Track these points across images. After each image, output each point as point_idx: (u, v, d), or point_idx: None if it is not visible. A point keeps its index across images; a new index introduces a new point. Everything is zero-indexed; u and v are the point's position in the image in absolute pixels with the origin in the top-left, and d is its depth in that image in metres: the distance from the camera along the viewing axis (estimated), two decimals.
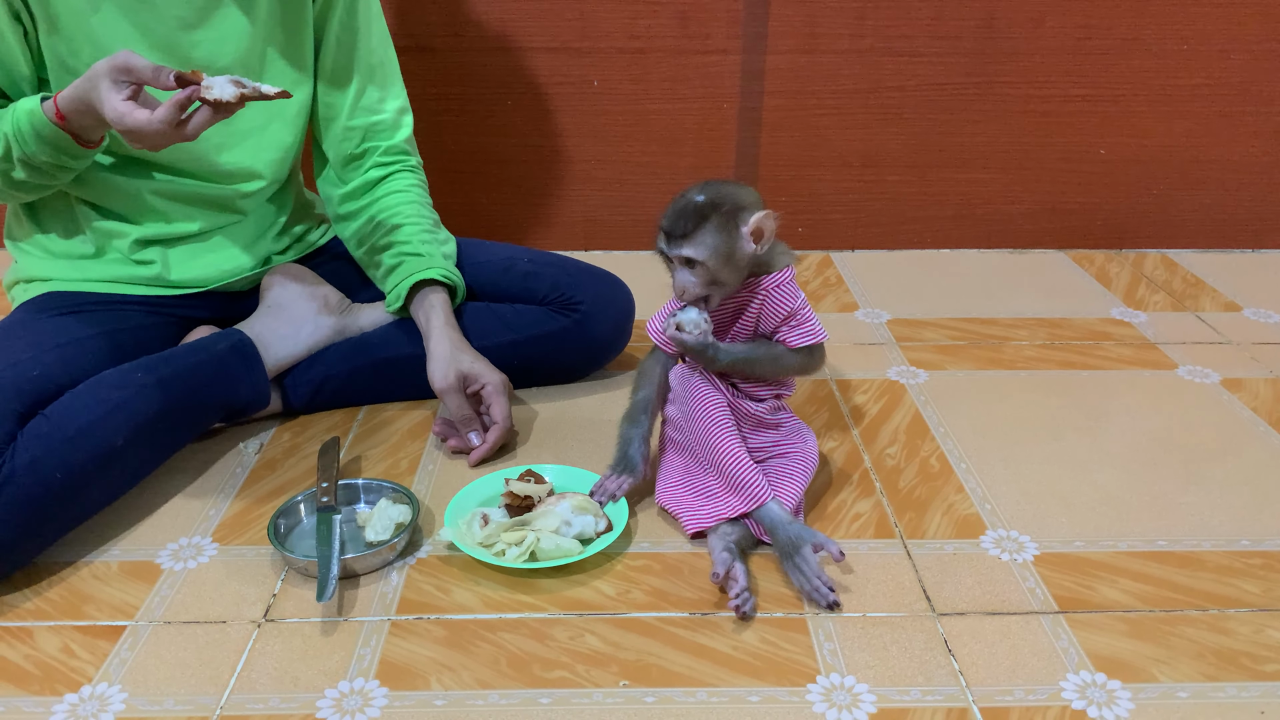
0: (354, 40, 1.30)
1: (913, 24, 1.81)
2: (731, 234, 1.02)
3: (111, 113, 0.99)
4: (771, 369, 1.11)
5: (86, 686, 0.90)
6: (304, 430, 1.31)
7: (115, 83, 0.99)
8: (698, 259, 1.02)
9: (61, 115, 1.04)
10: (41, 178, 1.12)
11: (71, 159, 1.10)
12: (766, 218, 1.02)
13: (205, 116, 1.01)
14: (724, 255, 1.02)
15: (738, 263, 1.04)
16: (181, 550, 1.08)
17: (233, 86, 1.00)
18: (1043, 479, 1.21)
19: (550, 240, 1.95)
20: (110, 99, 0.99)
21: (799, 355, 1.09)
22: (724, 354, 1.07)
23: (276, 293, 1.32)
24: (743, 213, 1.02)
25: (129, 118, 0.99)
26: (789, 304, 1.07)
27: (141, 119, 0.99)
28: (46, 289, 1.25)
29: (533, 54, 1.82)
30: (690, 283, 1.04)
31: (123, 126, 0.99)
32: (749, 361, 1.09)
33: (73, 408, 1.06)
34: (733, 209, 1.02)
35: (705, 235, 1.01)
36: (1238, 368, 1.49)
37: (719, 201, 1.02)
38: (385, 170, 1.35)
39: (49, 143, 1.07)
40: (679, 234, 1.02)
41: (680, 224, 1.02)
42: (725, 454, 1.06)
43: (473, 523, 1.07)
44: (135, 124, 0.99)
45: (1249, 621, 0.98)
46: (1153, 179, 1.93)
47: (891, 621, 0.98)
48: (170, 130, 1.00)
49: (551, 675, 0.91)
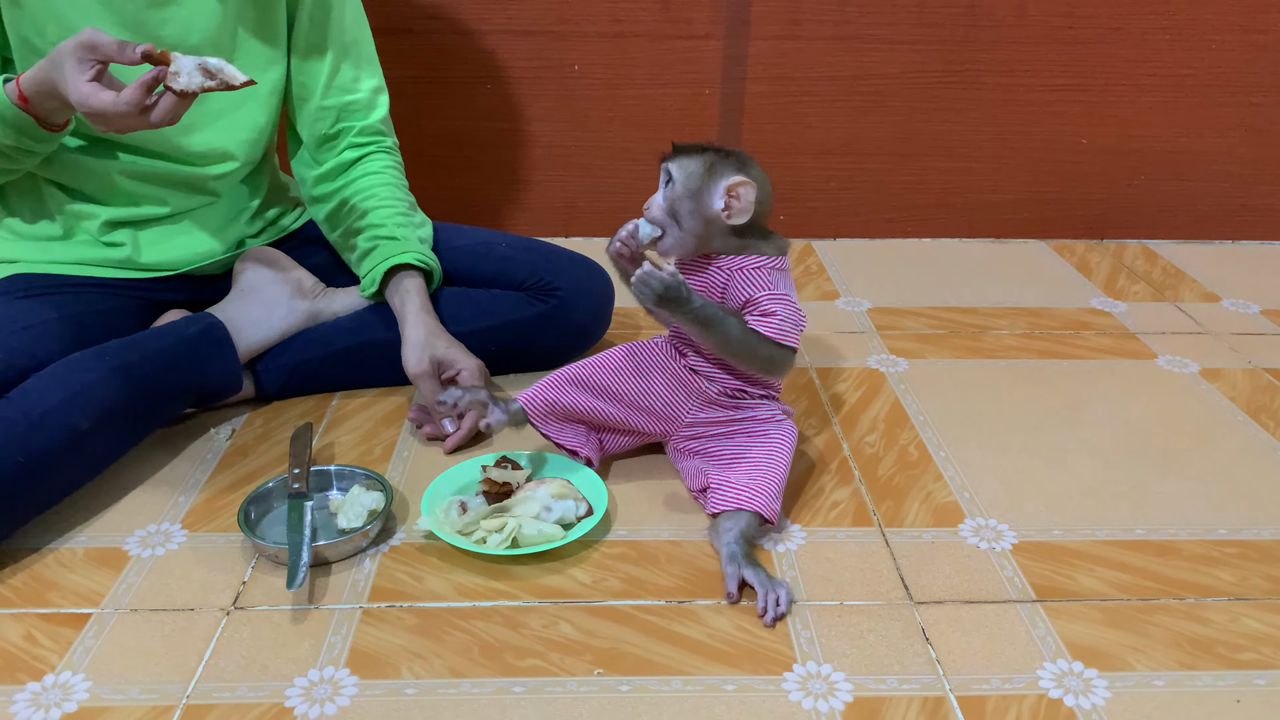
0: (327, 17, 1.27)
1: (896, 12, 1.80)
2: (711, 177, 1.04)
3: (75, 94, 0.97)
4: (739, 341, 1.05)
5: (49, 675, 0.88)
6: (276, 416, 1.29)
7: (80, 62, 0.97)
8: (674, 175, 1.05)
9: (24, 98, 1.02)
10: (6, 161, 1.10)
11: (35, 142, 1.08)
12: (746, 185, 1.02)
13: (170, 103, 0.99)
14: (692, 189, 1.04)
15: (700, 208, 1.05)
16: (150, 537, 1.06)
17: (200, 75, 0.97)
18: (1021, 468, 1.21)
19: (529, 225, 1.93)
20: (75, 80, 0.97)
21: (766, 343, 1.05)
22: (696, 297, 1.02)
23: (249, 276, 1.30)
24: (735, 172, 1.04)
25: (93, 99, 0.96)
26: (750, 289, 1.06)
27: (106, 101, 0.96)
28: (13, 271, 1.22)
29: (513, 37, 1.80)
30: (657, 201, 1.07)
31: (87, 108, 0.97)
32: (717, 320, 1.03)
33: (38, 391, 1.04)
34: (728, 163, 1.05)
35: (690, 162, 1.05)
36: (1216, 358, 1.49)
37: (727, 153, 1.06)
38: (360, 151, 1.33)
39: (11, 125, 1.04)
40: (678, 149, 1.07)
41: (687, 145, 1.07)
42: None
43: (450, 510, 1.05)
44: (100, 105, 0.96)
45: (1225, 610, 0.98)
46: (1134, 169, 1.93)
47: (869, 610, 0.97)
48: (134, 114, 0.97)
49: (524, 664, 0.90)
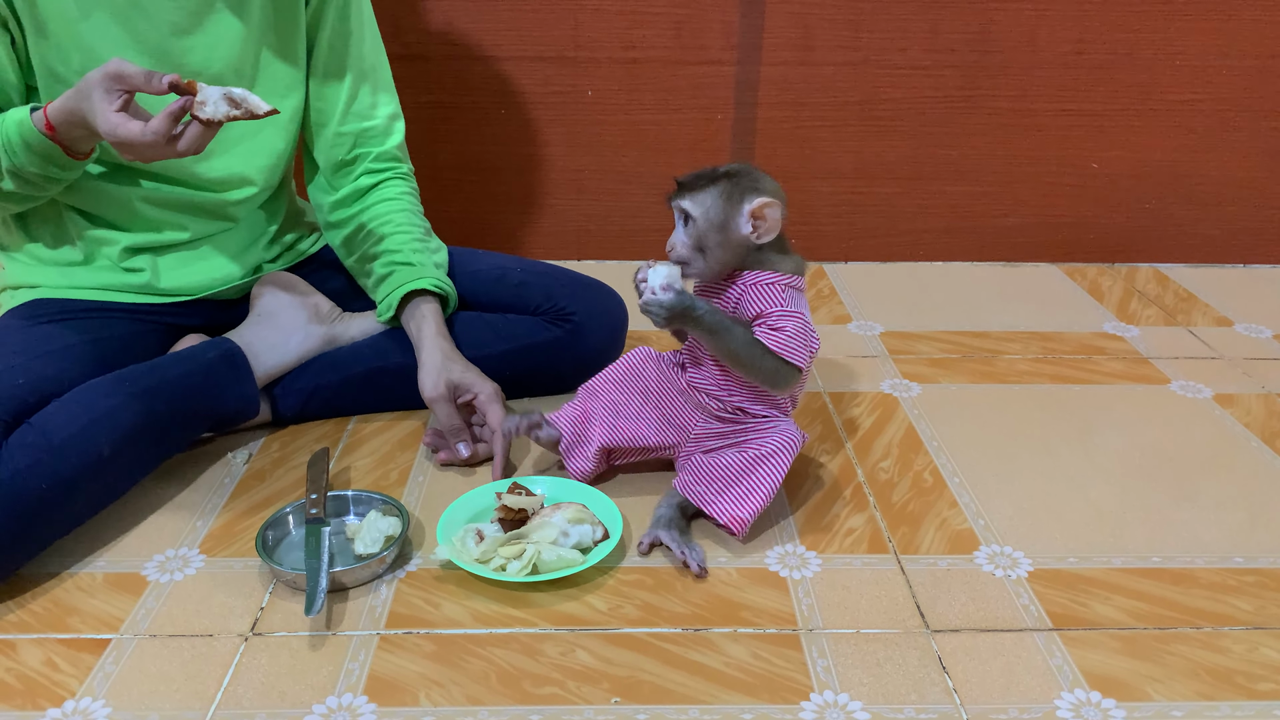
0: (345, 44, 1.29)
1: (907, 37, 1.81)
2: (733, 205, 1.03)
3: (104, 124, 0.98)
4: (744, 352, 1.05)
5: (70, 701, 0.88)
6: (293, 440, 1.30)
7: (108, 92, 0.98)
8: (692, 214, 1.03)
9: (51, 126, 1.03)
10: (30, 189, 1.11)
11: (60, 170, 1.09)
12: (771, 205, 1.02)
13: (196, 133, 1.00)
14: (717, 222, 1.03)
15: (729, 238, 1.03)
16: (168, 562, 1.07)
17: (226, 105, 0.98)
18: (1036, 494, 1.21)
19: (543, 249, 1.94)
20: (103, 109, 0.98)
21: (770, 356, 1.04)
22: (702, 306, 1.03)
23: (266, 301, 1.31)
24: (752, 192, 1.03)
25: (121, 129, 0.97)
26: (763, 304, 1.05)
27: (134, 130, 0.97)
28: (35, 296, 1.24)
29: (527, 63, 1.81)
30: (680, 240, 1.05)
31: (115, 138, 0.98)
32: (724, 330, 1.04)
33: (59, 417, 1.05)
34: (745, 185, 1.03)
35: (706, 196, 1.03)
36: (1230, 383, 1.49)
37: (736, 174, 1.04)
38: (376, 178, 1.34)
39: (38, 154, 1.06)
40: (686, 186, 1.04)
41: (691, 179, 1.05)
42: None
43: (466, 539, 1.05)
44: (128, 135, 0.98)
45: (1243, 640, 0.98)
46: (1145, 194, 1.94)
47: (885, 638, 0.97)
48: (161, 143, 0.98)
49: (542, 691, 0.90)
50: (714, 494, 1.08)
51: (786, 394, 1.12)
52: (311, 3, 1.26)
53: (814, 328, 1.08)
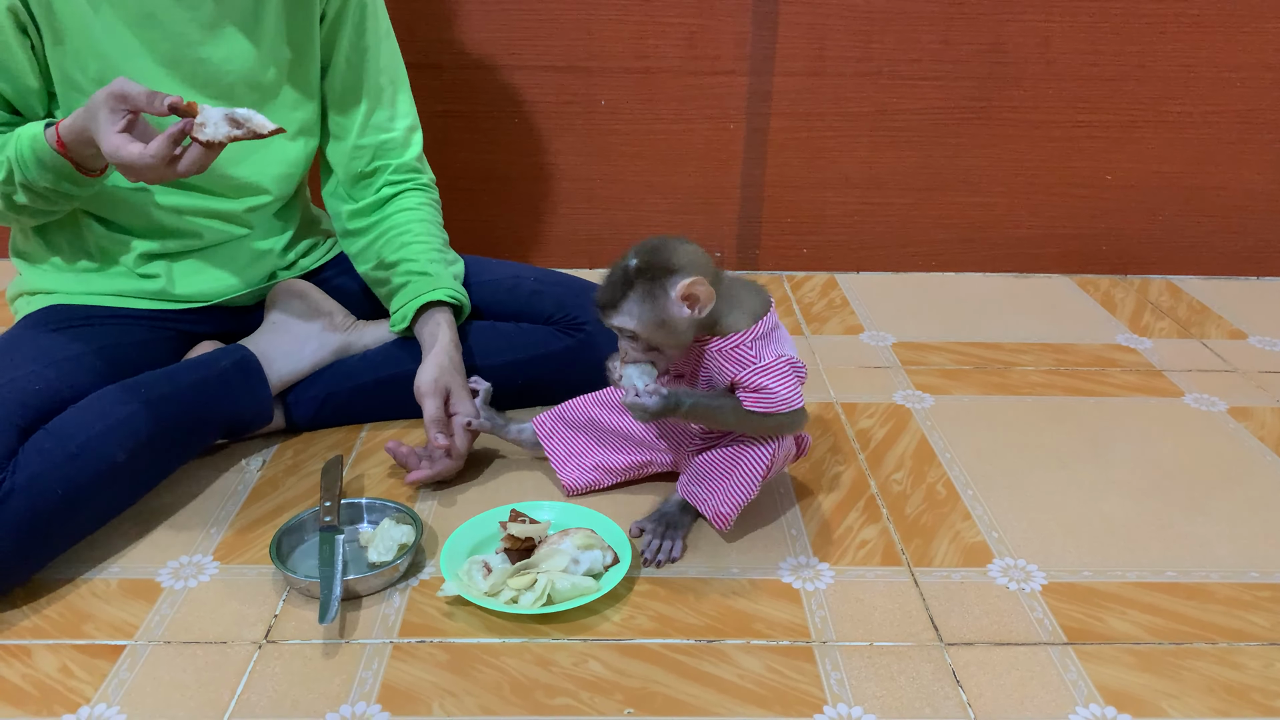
0: (363, 59, 1.30)
1: (919, 48, 1.81)
2: (659, 300, 0.98)
3: (107, 146, 0.99)
4: (738, 422, 1.05)
5: (85, 707, 0.88)
6: (306, 447, 1.30)
7: (112, 112, 0.98)
8: (626, 328, 1.00)
9: (63, 144, 1.04)
10: (43, 203, 1.12)
11: (74, 186, 1.10)
12: (695, 284, 0.97)
13: (196, 154, 1.00)
14: (654, 323, 0.99)
15: (674, 328, 1.00)
16: (182, 569, 1.07)
17: (227, 125, 0.98)
18: (1050, 507, 1.20)
19: (554, 258, 1.95)
20: (107, 131, 0.98)
21: (766, 416, 1.04)
22: (687, 398, 1.02)
23: (281, 308, 1.31)
24: (670, 277, 0.98)
25: (122, 151, 0.98)
26: (733, 370, 1.03)
27: (135, 153, 0.98)
28: (50, 302, 1.24)
29: (541, 73, 1.82)
30: (631, 349, 1.02)
31: (117, 160, 0.99)
32: (713, 410, 1.04)
33: (75, 423, 1.06)
34: (660, 274, 0.98)
35: (631, 304, 0.99)
36: (1244, 396, 1.49)
37: (645, 267, 0.98)
38: (396, 189, 1.35)
39: (50, 170, 1.06)
40: (607, 303, 1.00)
41: (608, 293, 1.00)
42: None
43: (473, 572, 1.02)
44: (129, 158, 0.98)
45: (1259, 655, 0.97)
46: (1158, 205, 1.93)
47: (899, 651, 0.97)
48: (161, 165, 0.99)
49: (555, 702, 0.90)
50: (706, 492, 1.09)
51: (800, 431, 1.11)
52: (327, 18, 1.27)
53: (796, 359, 1.05)
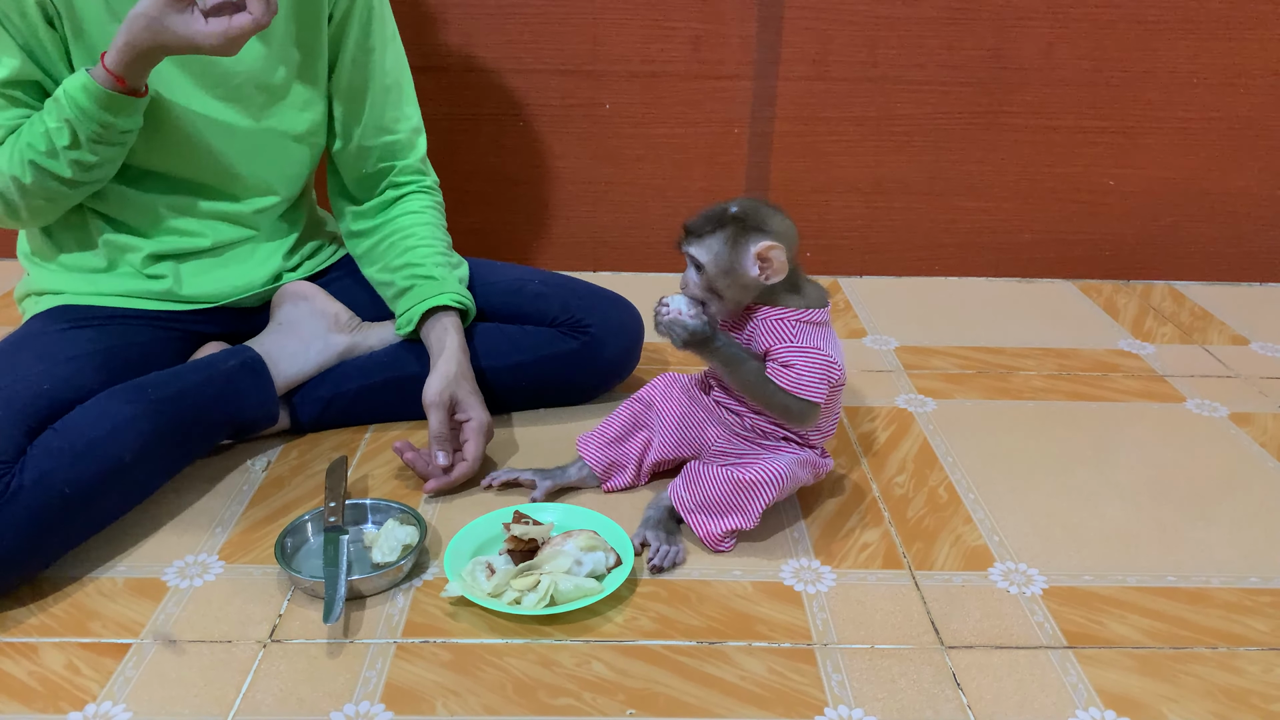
0: (368, 60, 1.30)
1: (924, 53, 1.82)
2: (739, 249, 1.03)
3: (202, 39, 1.03)
4: (754, 386, 1.08)
5: (91, 705, 0.89)
6: (312, 448, 1.31)
7: (179, 13, 1.02)
8: (700, 260, 1.04)
9: (121, 79, 1.06)
10: (114, 152, 1.14)
11: (130, 119, 1.12)
12: (776, 249, 1.02)
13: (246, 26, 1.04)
14: (724, 267, 1.04)
15: (739, 280, 1.04)
16: (187, 568, 1.08)
17: None
18: (1051, 511, 1.21)
19: (559, 260, 1.95)
20: (193, 25, 1.03)
21: (781, 392, 1.06)
22: (723, 336, 1.06)
23: (287, 310, 1.32)
24: (758, 234, 1.03)
25: (204, 35, 1.03)
26: (771, 340, 1.06)
27: (218, 30, 1.03)
28: (58, 302, 1.25)
29: (545, 75, 1.83)
30: (693, 281, 1.07)
31: (210, 44, 1.04)
32: (739, 362, 1.07)
33: (82, 422, 1.06)
34: (751, 228, 1.03)
35: (714, 241, 1.04)
36: (1246, 402, 1.49)
37: (742, 216, 1.04)
38: (401, 190, 1.36)
39: (114, 110, 1.09)
40: (693, 232, 1.05)
41: (699, 224, 1.06)
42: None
43: (476, 572, 1.02)
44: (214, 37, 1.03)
45: (1258, 660, 0.98)
46: (1161, 211, 1.94)
47: (899, 654, 0.97)
48: None
49: (558, 702, 0.90)
50: (698, 507, 1.10)
51: (809, 428, 1.12)
52: (334, 19, 1.27)
53: (835, 360, 1.07)
